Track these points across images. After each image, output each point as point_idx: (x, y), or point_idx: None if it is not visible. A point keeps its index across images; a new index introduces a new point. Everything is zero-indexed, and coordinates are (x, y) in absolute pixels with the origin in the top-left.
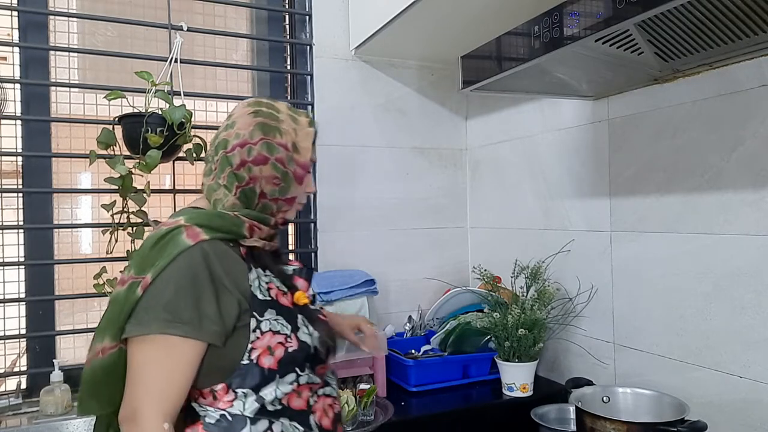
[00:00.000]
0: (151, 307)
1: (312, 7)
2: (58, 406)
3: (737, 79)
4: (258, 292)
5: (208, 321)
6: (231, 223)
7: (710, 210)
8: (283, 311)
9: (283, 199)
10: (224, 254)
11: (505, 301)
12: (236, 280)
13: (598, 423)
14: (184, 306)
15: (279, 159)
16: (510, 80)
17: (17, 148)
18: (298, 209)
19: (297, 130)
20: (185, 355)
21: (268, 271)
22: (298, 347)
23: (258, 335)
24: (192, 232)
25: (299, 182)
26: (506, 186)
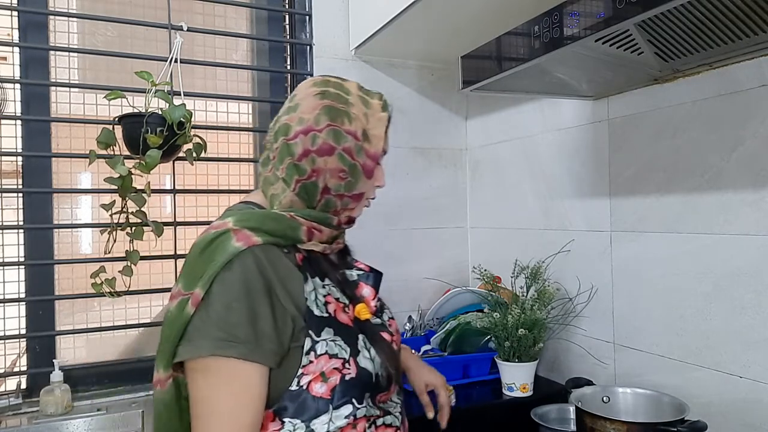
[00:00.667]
0: (203, 326)
1: (312, 7)
2: (58, 406)
3: (737, 79)
4: (315, 306)
5: (266, 340)
6: (287, 227)
7: (710, 210)
8: (342, 330)
9: (349, 195)
10: (278, 261)
11: (505, 301)
12: (291, 292)
13: (598, 423)
14: (238, 322)
15: (347, 149)
16: (510, 80)
17: (17, 148)
18: (365, 206)
19: (368, 115)
20: (250, 380)
21: (327, 279)
22: (356, 374)
23: (311, 359)
24: (242, 235)
25: (368, 176)
26: (506, 186)
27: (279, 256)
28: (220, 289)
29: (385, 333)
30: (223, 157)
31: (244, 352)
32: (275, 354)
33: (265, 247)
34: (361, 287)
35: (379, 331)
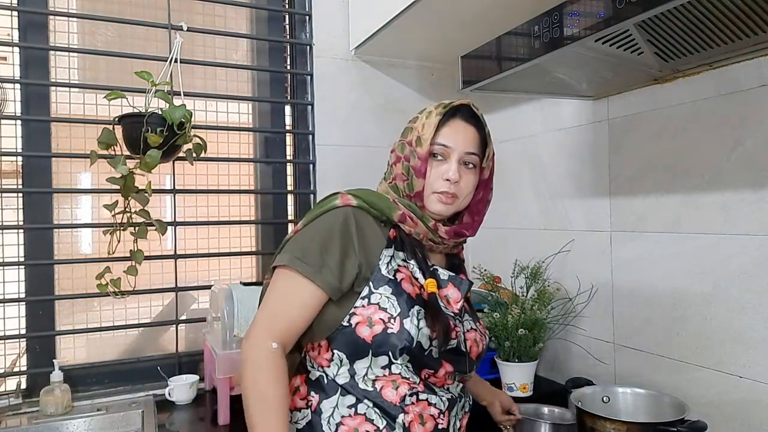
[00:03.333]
0: (291, 246)
1: (312, 7)
2: (58, 406)
3: (737, 79)
4: (384, 267)
5: (327, 270)
6: (385, 205)
7: (710, 210)
8: (401, 294)
9: (412, 195)
10: (365, 223)
11: (505, 301)
12: (367, 248)
13: (598, 423)
14: (313, 251)
15: (406, 156)
16: (510, 80)
17: (17, 148)
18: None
19: (424, 124)
20: (303, 291)
21: (413, 260)
22: (397, 332)
23: (364, 304)
24: (345, 198)
25: (419, 174)
26: (506, 186)
27: (369, 220)
28: (312, 225)
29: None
30: (223, 157)
31: (308, 270)
32: (332, 286)
33: (358, 210)
34: (449, 288)
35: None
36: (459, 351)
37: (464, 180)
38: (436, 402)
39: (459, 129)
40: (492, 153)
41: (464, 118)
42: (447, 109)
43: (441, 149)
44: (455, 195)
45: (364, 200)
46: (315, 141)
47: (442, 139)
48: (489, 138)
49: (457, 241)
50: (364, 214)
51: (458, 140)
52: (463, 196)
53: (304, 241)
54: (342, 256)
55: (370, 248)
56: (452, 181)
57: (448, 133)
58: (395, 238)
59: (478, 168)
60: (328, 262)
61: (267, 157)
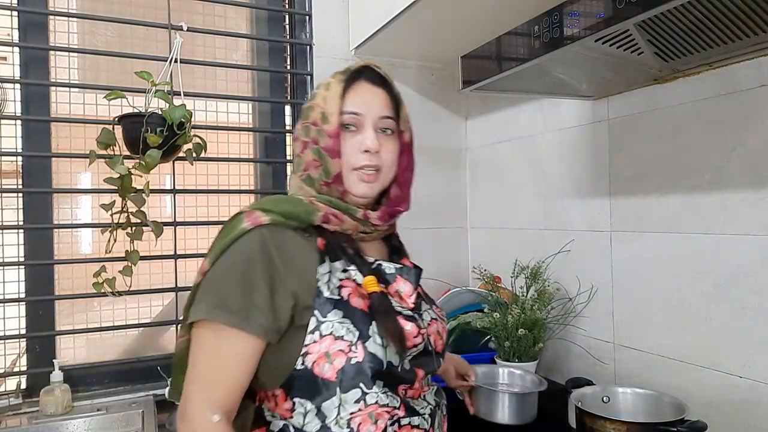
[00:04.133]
0: (205, 293)
1: (312, 7)
2: (58, 406)
3: (737, 79)
4: (326, 288)
5: (257, 313)
6: (303, 210)
7: (710, 210)
8: (353, 314)
9: (331, 181)
10: (287, 242)
11: (505, 301)
12: (298, 271)
13: (598, 423)
14: (233, 293)
15: (313, 139)
16: (510, 80)
17: (17, 148)
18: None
19: (326, 97)
20: (234, 345)
21: (352, 265)
22: (363, 359)
23: (315, 338)
24: (252, 216)
25: (335, 154)
26: (506, 186)
27: (290, 237)
28: (223, 261)
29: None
30: (223, 157)
31: (233, 320)
32: (268, 329)
33: (273, 227)
34: (398, 282)
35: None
36: (427, 351)
37: (385, 148)
38: (419, 423)
39: (366, 92)
40: (407, 116)
41: (369, 80)
42: (348, 74)
43: (352, 118)
44: (378, 168)
45: (278, 212)
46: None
47: (351, 106)
48: (400, 100)
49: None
50: (282, 230)
51: (369, 104)
52: (387, 166)
53: (219, 283)
54: (270, 290)
55: (302, 271)
56: (372, 151)
57: (355, 98)
58: (326, 247)
59: (396, 133)
60: (256, 302)
61: (267, 157)
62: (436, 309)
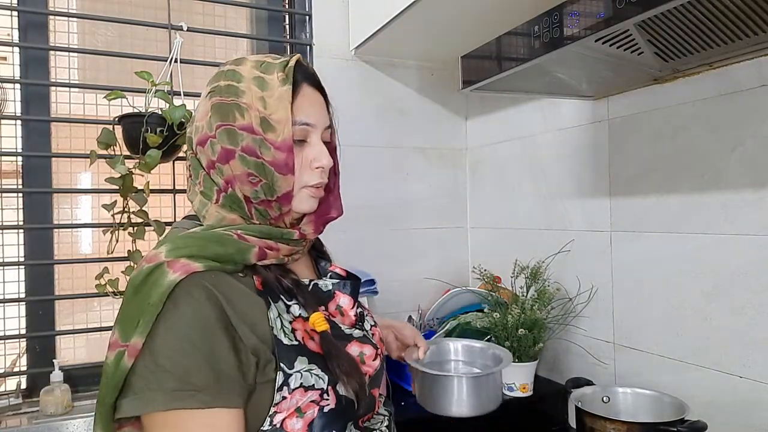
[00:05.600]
0: (152, 376)
1: (312, 7)
2: (58, 406)
3: (737, 79)
4: (282, 335)
5: (229, 381)
6: (235, 250)
7: (710, 210)
8: (314, 357)
9: (274, 199)
10: (232, 289)
11: (505, 301)
12: (252, 323)
13: (598, 423)
14: (194, 367)
15: (246, 149)
16: (510, 80)
17: (17, 148)
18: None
19: (266, 98)
20: (215, 425)
21: (293, 300)
22: (335, 404)
23: (285, 394)
24: (178, 266)
25: (283, 171)
26: (506, 186)
27: (231, 283)
28: (165, 331)
29: (367, 345)
30: None
31: (206, 400)
32: (242, 395)
33: (209, 274)
34: (337, 297)
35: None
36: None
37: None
38: None
39: (312, 98)
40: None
41: (310, 81)
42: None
43: (303, 130)
44: (325, 184)
45: (209, 257)
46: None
47: (303, 116)
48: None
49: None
50: (218, 276)
51: (318, 114)
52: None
53: (171, 359)
54: (235, 353)
55: (256, 322)
56: (326, 168)
57: (305, 106)
58: (264, 286)
59: None
60: (225, 370)
61: None
62: (369, 317)
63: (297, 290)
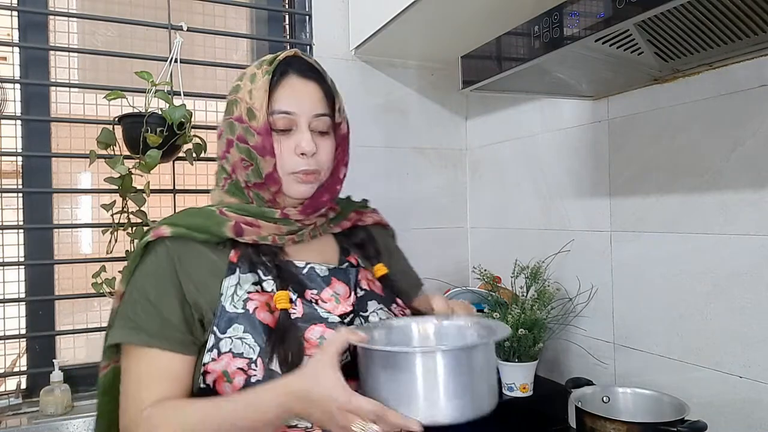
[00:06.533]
0: (119, 316)
1: (312, 7)
2: (58, 406)
3: (737, 79)
4: (229, 302)
5: (171, 329)
6: (212, 222)
7: (710, 210)
8: (256, 328)
9: (261, 182)
10: (190, 254)
11: (505, 301)
12: (202, 285)
13: (598, 423)
14: (144, 311)
15: (240, 137)
16: (510, 80)
17: (17, 148)
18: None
19: (252, 90)
20: (154, 363)
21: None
22: (263, 378)
23: (213, 356)
24: (157, 230)
25: (264, 153)
26: (506, 186)
27: (195, 250)
28: (134, 280)
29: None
30: None
31: (146, 339)
32: (184, 343)
33: (177, 240)
34: (333, 284)
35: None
36: None
37: (322, 149)
38: None
39: (297, 88)
40: (343, 106)
41: (300, 73)
42: (275, 65)
43: (283, 119)
44: (316, 171)
45: (183, 225)
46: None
47: (281, 105)
48: (335, 90)
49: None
50: (186, 243)
51: (302, 102)
52: (325, 166)
53: (132, 305)
54: (180, 304)
55: (206, 285)
56: (309, 154)
57: (285, 96)
58: (239, 259)
59: (332, 128)
60: (169, 318)
61: None
62: (396, 308)
63: (273, 267)
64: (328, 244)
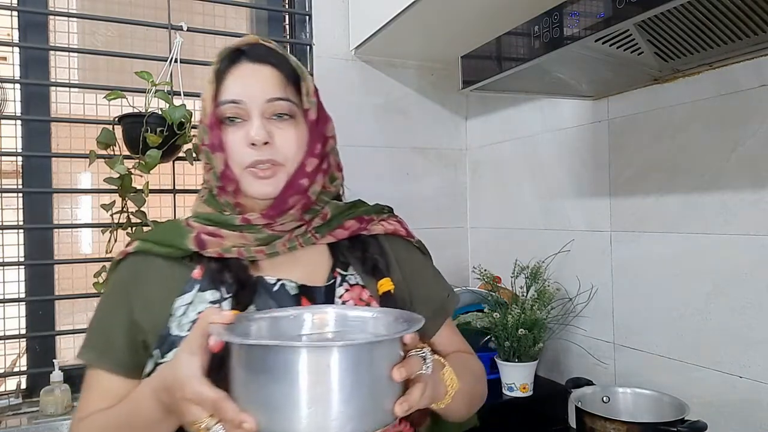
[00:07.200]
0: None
1: (312, 7)
2: (58, 406)
3: (737, 79)
4: (176, 324)
5: (115, 351)
6: (176, 234)
7: (710, 210)
8: None
9: (222, 185)
10: (148, 272)
11: (505, 301)
12: (150, 302)
13: (598, 423)
14: (96, 332)
15: (201, 138)
16: (510, 80)
17: (17, 148)
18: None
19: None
20: (99, 384)
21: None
22: None
23: None
24: (125, 248)
25: (215, 149)
26: (506, 186)
27: (156, 266)
28: (100, 298)
29: None
30: None
31: (91, 357)
32: (128, 366)
33: (137, 256)
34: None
35: None
36: None
37: (279, 137)
38: None
39: (248, 74)
40: (312, 90)
41: (252, 58)
42: (224, 54)
43: (233, 108)
44: (273, 161)
45: (150, 240)
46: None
47: (228, 93)
48: (300, 73)
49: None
50: (148, 258)
51: (250, 88)
52: (289, 158)
53: (92, 320)
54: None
55: (154, 304)
56: (259, 143)
57: (233, 83)
58: (203, 275)
59: (299, 115)
60: (115, 340)
61: None
62: None
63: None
64: (319, 256)
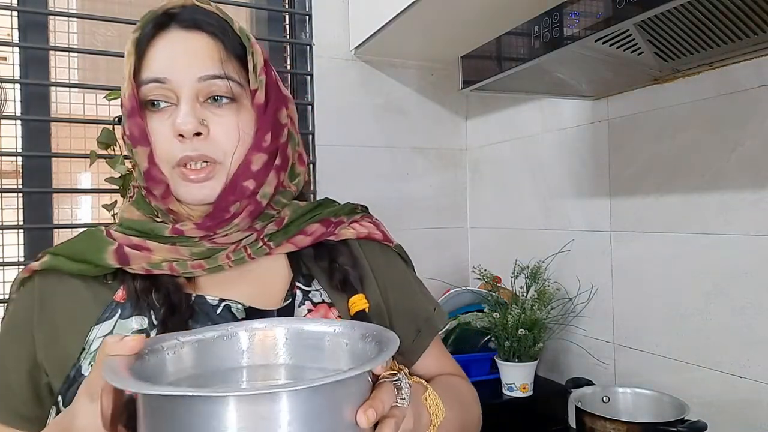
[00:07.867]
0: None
1: (312, 7)
2: None
3: (737, 79)
4: (88, 361)
5: (13, 399)
6: (91, 247)
7: (710, 210)
8: None
9: (147, 184)
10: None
11: (505, 301)
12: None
13: (598, 423)
14: None
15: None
16: (510, 80)
17: (17, 148)
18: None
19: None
20: None
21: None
22: None
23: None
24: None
25: (136, 141)
26: (506, 186)
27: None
28: None
29: None
30: None
31: None
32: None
33: (46, 273)
34: None
35: None
36: None
37: (216, 127)
38: None
39: (176, 44)
40: (261, 63)
41: (185, 24)
42: (148, 18)
43: (156, 89)
44: (207, 157)
45: (62, 253)
46: (315, 141)
47: (151, 70)
48: (246, 42)
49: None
50: (60, 278)
51: (179, 63)
52: (228, 153)
53: None
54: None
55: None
56: (188, 134)
57: (157, 56)
58: (127, 298)
59: (243, 98)
60: (12, 385)
61: None
62: None
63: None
64: (275, 269)
